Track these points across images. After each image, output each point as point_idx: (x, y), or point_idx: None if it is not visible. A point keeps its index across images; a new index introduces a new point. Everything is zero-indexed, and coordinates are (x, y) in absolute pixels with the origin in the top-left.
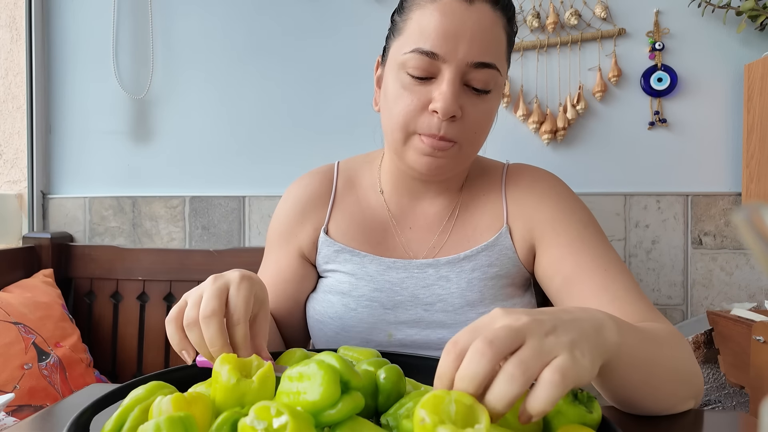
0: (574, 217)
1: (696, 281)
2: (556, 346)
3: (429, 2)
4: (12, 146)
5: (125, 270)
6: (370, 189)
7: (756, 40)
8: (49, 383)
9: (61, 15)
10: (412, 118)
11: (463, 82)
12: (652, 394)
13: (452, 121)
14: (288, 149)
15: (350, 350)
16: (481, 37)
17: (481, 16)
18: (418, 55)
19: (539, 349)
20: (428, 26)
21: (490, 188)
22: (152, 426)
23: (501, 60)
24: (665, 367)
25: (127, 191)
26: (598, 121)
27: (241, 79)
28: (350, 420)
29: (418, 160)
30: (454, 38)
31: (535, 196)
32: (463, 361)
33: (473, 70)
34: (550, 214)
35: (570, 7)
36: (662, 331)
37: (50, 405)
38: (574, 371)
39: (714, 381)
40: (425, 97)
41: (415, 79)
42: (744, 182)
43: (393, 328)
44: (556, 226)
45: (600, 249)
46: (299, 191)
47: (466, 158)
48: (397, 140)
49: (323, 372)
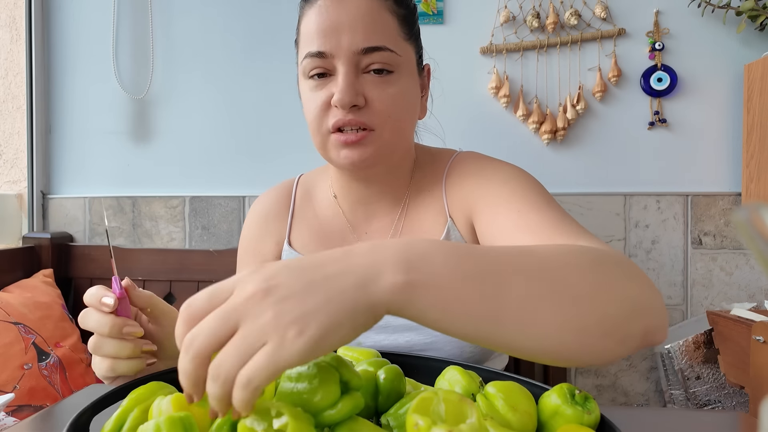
0: (497, 178)
1: (696, 281)
2: (266, 330)
3: (308, 9)
4: (12, 146)
5: (125, 270)
6: (326, 199)
7: (756, 40)
8: (49, 383)
9: (61, 15)
10: (322, 117)
11: (361, 71)
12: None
13: (358, 110)
14: (288, 149)
15: (350, 350)
16: (363, 24)
17: (356, 5)
18: (310, 58)
19: (240, 344)
20: (311, 29)
21: (433, 182)
22: (152, 426)
23: (394, 41)
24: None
25: (127, 191)
26: (598, 121)
27: (241, 79)
28: (350, 420)
29: (340, 155)
30: (335, 32)
31: (466, 179)
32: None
33: (364, 56)
34: (477, 189)
35: (570, 7)
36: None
37: (50, 405)
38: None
39: (714, 381)
40: (328, 95)
41: (316, 81)
42: (744, 182)
43: (360, 336)
44: (484, 196)
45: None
46: (259, 207)
47: (389, 146)
48: (318, 144)
49: (322, 372)
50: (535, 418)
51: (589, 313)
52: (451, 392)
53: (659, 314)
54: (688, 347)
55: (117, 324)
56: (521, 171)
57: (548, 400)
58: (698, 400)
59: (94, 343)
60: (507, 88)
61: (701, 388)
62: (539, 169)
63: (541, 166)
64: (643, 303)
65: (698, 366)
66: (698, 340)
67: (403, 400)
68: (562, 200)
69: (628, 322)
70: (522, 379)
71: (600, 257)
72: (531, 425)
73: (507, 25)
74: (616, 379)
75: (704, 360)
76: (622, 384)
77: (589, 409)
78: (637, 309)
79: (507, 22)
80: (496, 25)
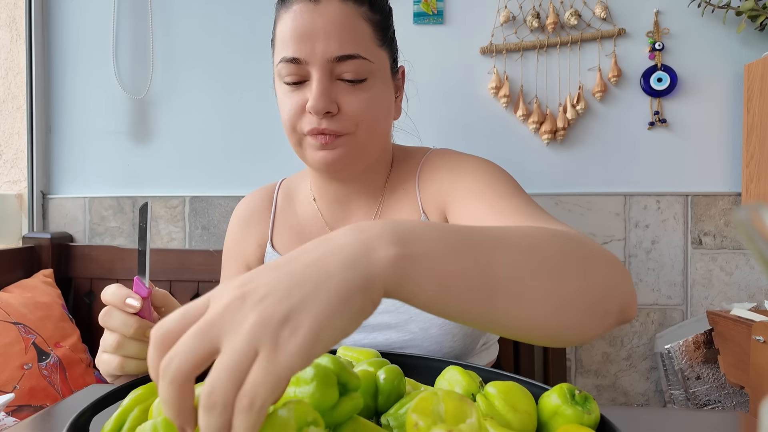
0: (468, 173)
1: (696, 281)
2: (254, 337)
3: (284, 12)
4: (12, 146)
5: (125, 270)
6: (306, 201)
7: (756, 40)
8: (49, 383)
9: (61, 15)
10: (296, 121)
11: (334, 78)
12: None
13: (331, 117)
14: (287, 149)
15: (350, 350)
16: (337, 31)
17: (331, 12)
18: (285, 63)
19: (228, 362)
20: (286, 34)
21: (407, 179)
22: (151, 426)
23: (367, 48)
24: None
25: (127, 191)
26: (598, 121)
27: (241, 79)
28: (350, 420)
29: (315, 156)
30: (310, 39)
31: (438, 175)
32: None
33: (338, 64)
34: (449, 183)
35: (570, 7)
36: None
37: (50, 405)
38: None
39: (714, 381)
40: (302, 99)
41: (291, 86)
42: (744, 182)
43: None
44: (455, 190)
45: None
46: (241, 209)
47: (365, 147)
48: (293, 144)
49: (319, 375)
50: (535, 418)
51: (574, 289)
52: (451, 392)
53: (631, 291)
54: (688, 347)
55: (143, 326)
56: (490, 163)
57: (548, 400)
58: (698, 400)
59: (116, 342)
60: (507, 88)
61: (701, 388)
62: (539, 169)
63: (541, 166)
64: (617, 280)
65: (698, 366)
66: (698, 340)
67: (403, 400)
68: (562, 200)
69: (607, 298)
70: (522, 379)
71: (575, 237)
72: (531, 425)
73: (507, 25)
74: (616, 379)
75: (704, 360)
76: (622, 384)
77: (589, 409)
78: (612, 286)
79: (507, 22)
80: (496, 25)
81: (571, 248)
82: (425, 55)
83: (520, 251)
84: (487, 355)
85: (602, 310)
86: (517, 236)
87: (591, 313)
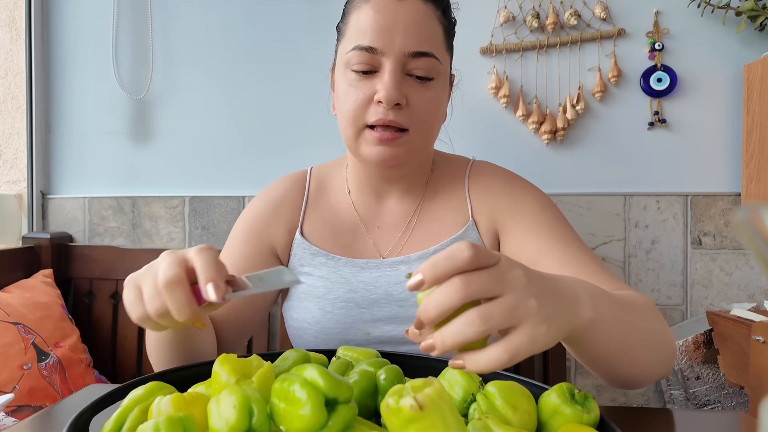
0: (532, 202)
1: (695, 281)
2: (529, 314)
3: (363, 3)
4: (12, 146)
5: (125, 270)
6: (339, 192)
7: (755, 40)
8: (49, 383)
9: (61, 15)
10: (361, 111)
11: (405, 73)
12: (627, 362)
13: (398, 109)
14: (287, 149)
15: (350, 350)
16: (415, 28)
17: (413, 10)
18: (359, 51)
19: (511, 310)
20: (364, 24)
21: (453, 184)
22: (151, 426)
23: (439, 49)
24: (640, 333)
25: (127, 191)
26: (598, 121)
27: (240, 79)
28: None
29: (371, 151)
30: (389, 31)
31: (495, 190)
32: (437, 290)
33: (412, 60)
34: (508, 203)
35: (570, 7)
36: (635, 298)
37: (50, 405)
38: (527, 348)
39: (714, 381)
40: (371, 90)
41: (360, 75)
42: (743, 182)
43: (370, 326)
44: (515, 214)
45: (559, 230)
46: (275, 190)
47: (419, 148)
48: (350, 136)
49: (307, 396)
50: (535, 417)
51: (662, 353)
52: (418, 380)
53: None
54: (687, 347)
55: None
56: (548, 198)
57: (548, 399)
58: (698, 400)
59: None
60: (507, 88)
61: (701, 388)
62: (539, 169)
63: (541, 166)
64: (674, 346)
65: (698, 366)
66: (698, 340)
67: None
68: (562, 200)
69: (670, 360)
70: (522, 379)
71: (655, 308)
72: (531, 424)
73: (507, 25)
74: None
75: (704, 360)
76: None
77: (589, 409)
78: (673, 351)
79: (507, 22)
80: (495, 26)
81: (660, 319)
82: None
83: (641, 318)
84: None
85: (666, 370)
86: (634, 305)
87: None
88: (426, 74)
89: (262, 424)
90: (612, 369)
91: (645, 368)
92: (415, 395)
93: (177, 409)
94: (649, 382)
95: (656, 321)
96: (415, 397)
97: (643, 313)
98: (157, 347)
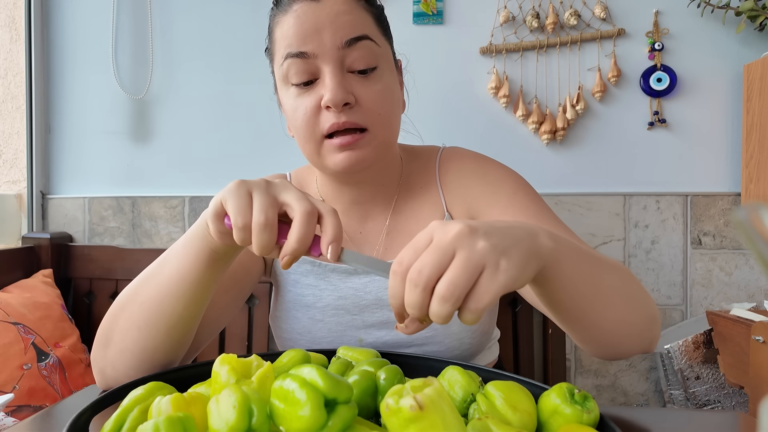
0: (505, 185)
1: (695, 281)
2: (483, 255)
3: (283, 15)
4: (11, 146)
5: (125, 270)
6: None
7: (755, 40)
8: (49, 383)
9: (61, 15)
10: (313, 122)
11: (346, 70)
12: (598, 314)
13: (350, 109)
14: (287, 149)
15: (350, 350)
16: (341, 20)
17: (333, 5)
18: (291, 59)
19: (467, 265)
20: (289, 33)
21: (426, 178)
22: (151, 426)
23: (373, 32)
24: (610, 284)
25: (127, 191)
26: (598, 121)
27: (240, 79)
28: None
29: (336, 160)
30: (316, 32)
31: (465, 176)
32: (405, 294)
33: (348, 51)
34: (480, 188)
35: (569, 7)
36: (606, 257)
37: (50, 405)
38: (499, 285)
39: (713, 381)
40: (316, 98)
41: (301, 87)
42: (743, 182)
43: (362, 333)
44: (489, 199)
45: (534, 209)
46: None
47: (384, 144)
48: (311, 152)
49: (306, 396)
50: (535, 417)
51: (638, 313)
52: (417, 380)
53: (659, 327)
54: (687, 347)
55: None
56: (517, 175)
57: (548, 399)
58: (698, 400)
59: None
60: (507, 88)
61: (701, 388)
62: (539, 169)
63: (541, 166)
64: (656, 315)
65: (698, 366)
66: (698, 340)
67: None
68: (561, 200)
69: (650, 328)
70: (522, 379)
71: (630, 273)
72: (531, 424)
73: (506, 25)
74: (616, 379)
75: (704, 360)
76: (622, 384)
77: (589, 409)
78: (654, 319)
79: (506, 22)
80: (495, 26)
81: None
82: (425, 55)
83: (611, 272)
84: (489, 355)
85: (646, 337)
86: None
87: (640, 336)
88: (367, 65)
89: (261, 424)
90: (583, 322)
91: (619, 328)
92: (414, 395)
93: (177, 409)
94: (628, 352)
95: (629, 281)
96: (414, 397)
97: (614, 268)
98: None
